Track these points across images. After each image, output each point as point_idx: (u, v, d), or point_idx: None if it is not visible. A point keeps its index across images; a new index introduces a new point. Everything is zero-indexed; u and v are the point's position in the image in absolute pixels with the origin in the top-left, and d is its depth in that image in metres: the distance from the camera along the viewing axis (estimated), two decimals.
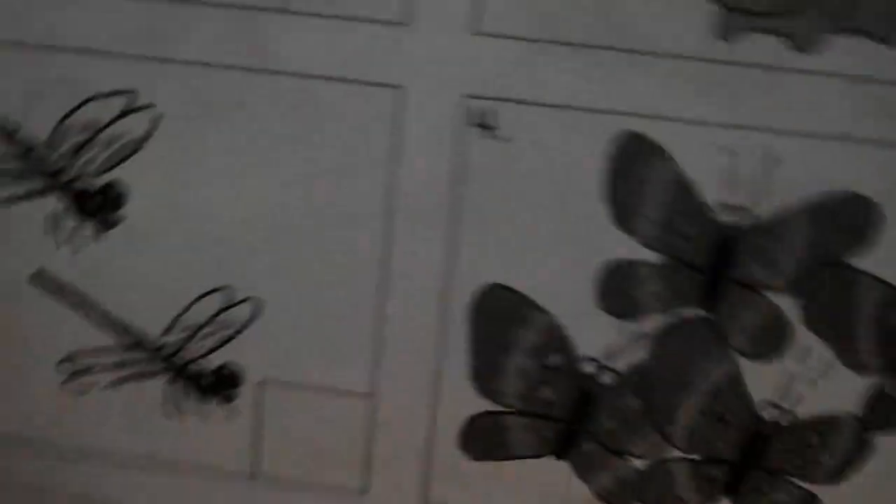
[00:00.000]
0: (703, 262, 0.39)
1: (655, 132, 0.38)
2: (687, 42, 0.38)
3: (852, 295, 0.39)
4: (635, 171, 0.38)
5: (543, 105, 0.38)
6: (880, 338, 0.39)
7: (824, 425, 0.40)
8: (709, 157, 0.38)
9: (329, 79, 0.39)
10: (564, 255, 0.39)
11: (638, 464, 0.41)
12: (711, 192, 0.39)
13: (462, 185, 0.39)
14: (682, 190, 0.38)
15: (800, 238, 0.38)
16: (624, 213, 0.39)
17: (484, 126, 0.39)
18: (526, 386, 0.40)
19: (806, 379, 0.40)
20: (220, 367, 0.42)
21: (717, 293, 0.39)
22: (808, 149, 0.38)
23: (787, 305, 0.39)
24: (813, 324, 0.39)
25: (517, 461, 0.41)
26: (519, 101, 0.38)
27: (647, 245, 0.39)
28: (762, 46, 0.37)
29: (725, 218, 0.39)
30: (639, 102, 0.38)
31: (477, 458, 0.41)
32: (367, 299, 0.41)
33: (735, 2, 0.37)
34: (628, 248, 0.39)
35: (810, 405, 0.40)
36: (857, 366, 0.40)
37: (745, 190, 0.38)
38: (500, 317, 0.40)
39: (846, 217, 0.38)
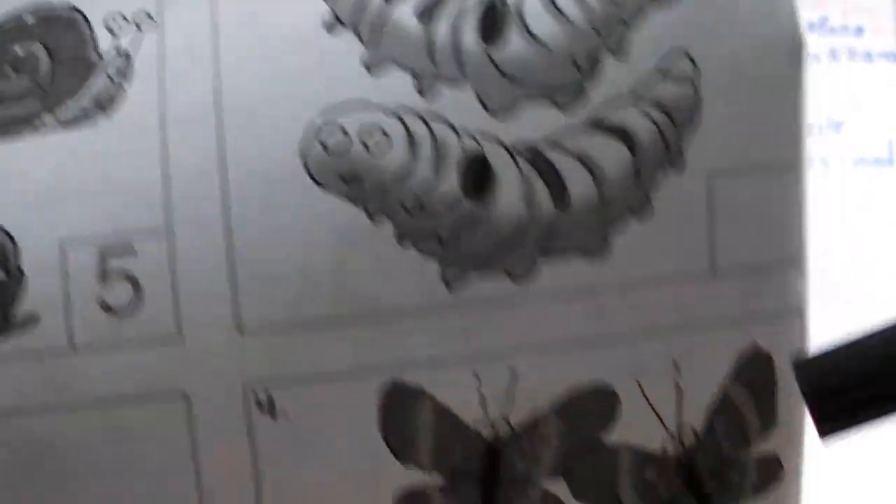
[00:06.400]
0: (479, 471, 0.45)
1: (412, 377, 0.44)
2: (419, 296, 0.44)
3: (609, 464, 0.46)
4: (403, 413, 0.44)
5: (313, 378, 0.44)
6: (640, 491, 0.46)
7: None
8: (461, 386, 0.44)
9: (122, 401, 0.43)
10: (363, 496, 0.45)
11: None
12: (470, 413, 0.45)
13: (258, 463, 0.44)
14: (446, 419, 0.44)
15: (553, 432, 0.45)
16: (404, 449, 0.45)
17: (264, 408, 0.44)
18: None
19: None
20: None
21: (496, 495, 0.45)
22: (544, 358, 0.45)
23: (557, 487, 0.46)
24: (582, 496, 0.46)
25: None
26: (291, 380, 0.44)
27: (429, 469, 0.45)
28: (484, 285, 0.44)
29: (487, 432, 0.45)
30: (392, 355, 0.44)
31: None
32: None
33: (450, 254, 0.44)
34: (415, 476, 0.45)
35: None
36: None
37: (497, 405, 0.45)
38: None
39: (588, 405, 0.45)
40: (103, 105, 0.44)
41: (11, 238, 0.43)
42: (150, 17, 0.45)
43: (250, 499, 0.44)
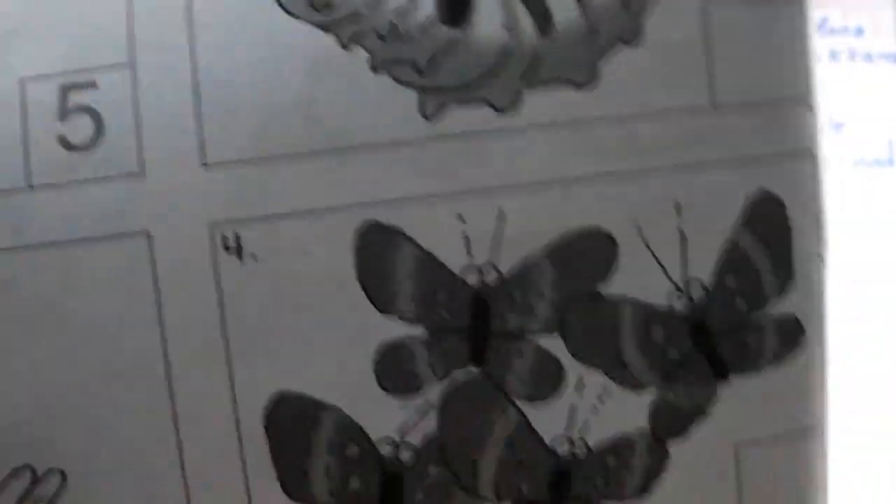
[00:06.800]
0: (465, 324, 0.42)
1: (390, 217, 0.41)
2: (395, 129, 0.41)
3: (610, 320, 0.42)
4: (382, 256, 0.41)
5: (282, 217, 0.41)
6: (646, 353, 0.42)
7: (618, 447, 0.42)
8: (443, 227, 0.41)
9: (80, 240, 0.41)
10: (338, 350, 0.41)
11: None
12: (455, 259, 0.41)
13: (224, 309, 0.41)
14: (427, 263, 0.41)
15: (547, 281, 0.42)
16: (383, 297, 0.41)
17: (231, 249, 0.41)
18: (334, 483, 0.42)
19: (588, 408, 0.42)
20: None
21: (484, 349, 0.42)
22: (532, 197, 0.41)
23: (552, 344, 0.42)
24: (580, 356, 0.42)
25: None
26: (258, 219, 0.41)
27: (412, 321, 0.41)
28: (465, 116, 0.41)
29: (472, 279, 0.41)
30: (367, 193, 0.41)
31: None
32: (165, 450, 0.41)
33: (428, 83, 0.41)
34: (394, 328, 0.41)
35: (600, 431, 0.42)
36: (632, 384, 0.42)
37: (484, 249, 0.41)
38: (292, 424, 0.41)
39: (584, 251, 0.42)
40: None
41: None
42: None
43: (218, 347, 0.41)
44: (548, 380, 0.42)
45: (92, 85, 0.41)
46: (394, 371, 0.41)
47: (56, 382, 0.41)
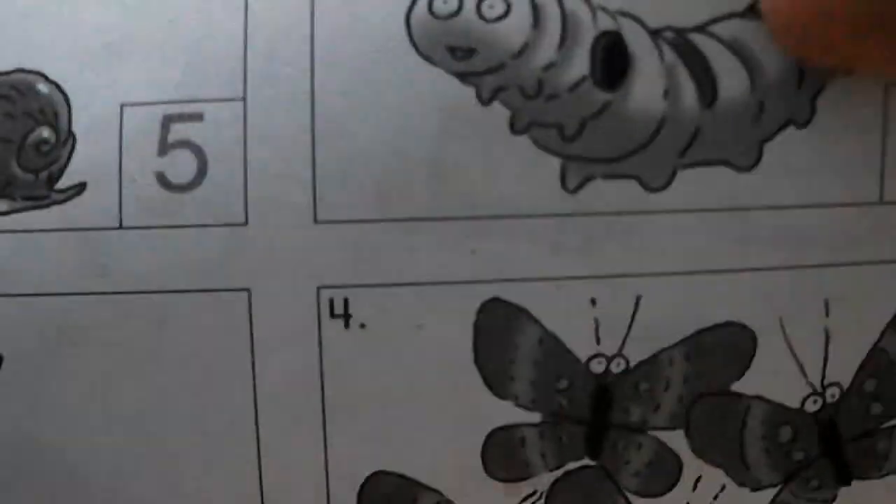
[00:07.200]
0: (583, 414, 0.38)
1: (517, 296, 0.37)
2: (532, 200, 0.37)
3: (737, 418, 0.39)
4: (503, 336, 0.37)
5: (395, 285, 0.37)
6: (771, 453, 0.39)
7: None
8: (574, 311, 0.37)
9: (175, 292, 0.37)
10: (444, 431, 0.38)
11: None
12: (581, 344, 0.38)
13: (325, 378, 0.37)
14: (552, 347, 0.37)
15: (677, 376, 0.38)
16: (499, 379, 0.38)
17: (339, 315, 0.37)
18: None
19: None
20: None
21: (602, 441, 0.38)
22: (673, 286, 0.37)
23: (673, 439, 0.39)
24: (701, 452, 0.39)
25: None
26: (370, 286, 0.37)
27: (526, 406, 0.38)
28: (611, 192, 0.37)
29: (598, 368, 0.38)
30: (494, 268, 0.37)
31: None
32: None
33: (574, 151, 0.37)
34: (508, 413, 0.38)
35: None
36: (751, 483, 0.39)
37: (614, 337, 0.38)
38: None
39: (721, 346, 0.38)
40: None
41: (65, 95, 0.37)
42: None
43: (314, 418, 0.38)
44: (665, 476, 0.39)
45: (197, 117, 0.36)
46: (503, 458, 0.38)
47: (136, 439, 0.38)
